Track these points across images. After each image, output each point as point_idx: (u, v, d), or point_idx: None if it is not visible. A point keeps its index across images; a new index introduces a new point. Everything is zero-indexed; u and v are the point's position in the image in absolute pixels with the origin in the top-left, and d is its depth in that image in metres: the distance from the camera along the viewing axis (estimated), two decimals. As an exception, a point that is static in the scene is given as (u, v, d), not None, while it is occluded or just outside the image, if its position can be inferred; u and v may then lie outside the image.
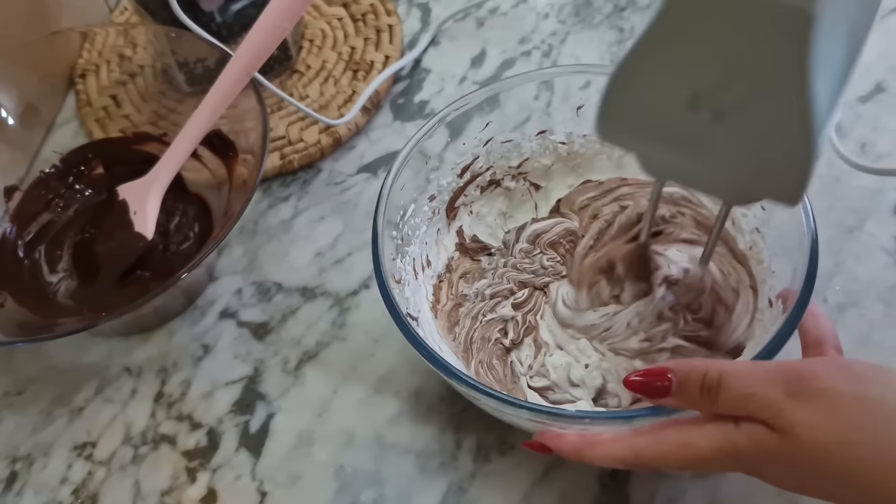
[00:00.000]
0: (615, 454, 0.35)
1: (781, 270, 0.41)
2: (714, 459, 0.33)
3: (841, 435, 0.30)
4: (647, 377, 0.34)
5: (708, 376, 0.32)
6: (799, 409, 0.30)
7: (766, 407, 0.31)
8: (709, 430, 0.33)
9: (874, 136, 0.54)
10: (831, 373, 0.31)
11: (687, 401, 0.33)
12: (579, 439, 0.36)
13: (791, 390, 0.31)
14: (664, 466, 0.35)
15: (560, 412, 0.37)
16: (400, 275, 0.45)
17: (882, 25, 0.61)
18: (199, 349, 0.50)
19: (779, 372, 0.31)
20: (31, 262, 0.52)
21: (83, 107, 0.61)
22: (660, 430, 0.34)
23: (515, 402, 0.36)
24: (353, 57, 0.63)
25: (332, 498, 0.43)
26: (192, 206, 0.54)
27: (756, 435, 0.31)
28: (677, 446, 0.33)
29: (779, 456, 0.31)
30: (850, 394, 0.30)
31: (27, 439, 0.47)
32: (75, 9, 0.65)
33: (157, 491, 0.45)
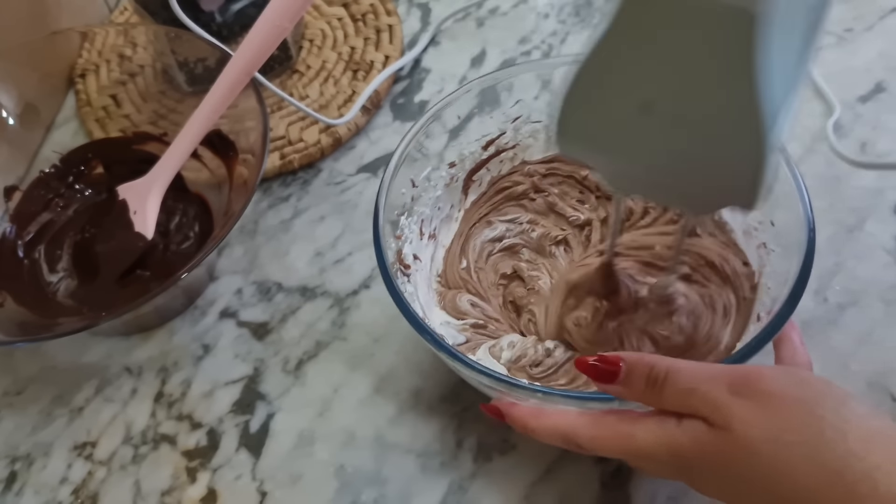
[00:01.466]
0: (556, 429, 0.36)
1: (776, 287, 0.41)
2: (651, 454, 0.33)
3: (775, 433, 0.30)
4: (601, 362, 0.34)
5: (655, 369, 0.33)
6: (738, 406, 0.31)
7: (707, 402, 0.31)
8: (650, 424, 0.33)
9: (874, 135, 0.54)
10: (776, 376, 0.31)
11: (632, 390, 0.34)
12: (527, 410, 0.37)
13: (735, 389, 0.31)
14: (600, 451, 0.35)
15: (515, 382, 0.37)
16: (402, 231, 0.45)
17: (882, 25, 0.61)
18: (200, 349, 0.50)
19: (725, 372, 0.32)
20: (30, 261, 0.52)
21: (83, 106, 0.61)
22: (604, 415, 0.35)
23: (475, 367, 0.37)
24: (353, 57, 0.63)
25: (332, 498, 0.43)
26: (193, 205, 0.54)
27: (695, 432, 0.32)
28: (617, 434, 0.34)
29: (713, 454, 0.31)
30: (791, 396, 0.30)
31: (27, 439, 0.47)
32: (75, 9, 0.65)
33: (157, 491, 0.45)
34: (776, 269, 0.41)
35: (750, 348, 0.36)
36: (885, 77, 0.57)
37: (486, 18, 0.66)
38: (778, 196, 0.41)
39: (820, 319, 0.47)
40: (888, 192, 0.51)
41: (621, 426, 0.34)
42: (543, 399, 0.36)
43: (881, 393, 0.44)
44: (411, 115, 0.60)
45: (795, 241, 0.39)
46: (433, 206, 0.49)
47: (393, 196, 0.44)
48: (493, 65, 0.63)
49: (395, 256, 0.44)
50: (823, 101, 0.56)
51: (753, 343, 0.36)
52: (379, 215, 0.42)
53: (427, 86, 0.62)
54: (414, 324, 0.39)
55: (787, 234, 0.40)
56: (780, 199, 0.40)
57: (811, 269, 0.37)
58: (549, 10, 0.66)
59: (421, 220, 0.48)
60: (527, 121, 0.49)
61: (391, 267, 0.41)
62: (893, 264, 0.48)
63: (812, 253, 0.37)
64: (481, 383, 0.38)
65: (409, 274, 0.46)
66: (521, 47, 0.64)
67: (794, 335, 0.39)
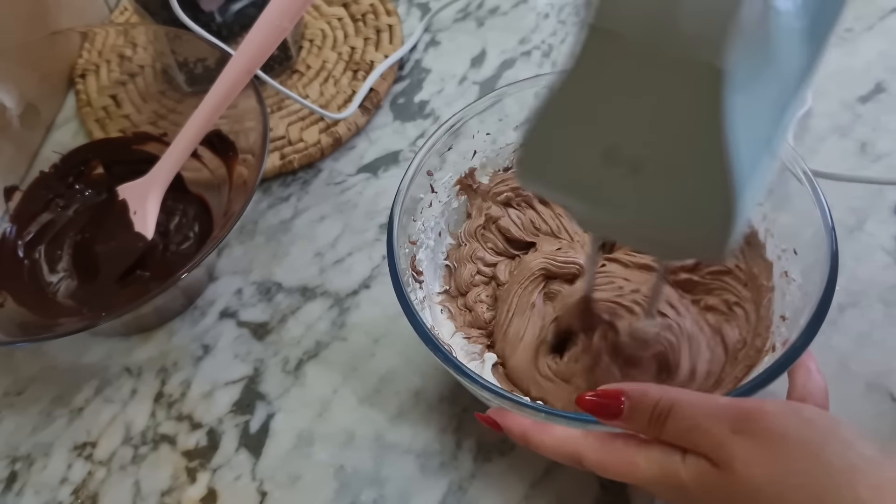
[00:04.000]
0: (559, 449, 0.35)
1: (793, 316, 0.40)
2: (653, 483, 0.33)
3: (777, 476, 0.29)
4: (602, 398, 0.34)
5: (659, 405, 0.32)
6: (740, 445, 0.30)
7: (710, 440, 0.31)
8: (655, 455, 0.33)
9: (874, 135, 0.54)
10: (780, 414, 0.31)
11: (635, 425, 0.33)
12: (529, 424, 0.36)
13: (737, 427, 0.30)
14: (603, 474, 0.34)
15: (521, 401, 0.37)
16: (419, 237, 0.45)
17: (882, 25, 0.61)
18: (199, 349, 0.50)
19: (729, 408, 0.31)
20: (31, 262, 0.52)
21: (83, 107, 0.61)
22: (610, 439, 0.34)
23: (479, 382, 0.36)
24: (353, 57, 0.63)
25: (332, 498, 0.43)
26: (192, 206, 0.54)
27: (697, 468, 0.31)
28: (621, 461, 0.33)
29: (716, 490, 0.31)
30: (794, 437, 0.30)
31: (27, 439, 0.47)
32: (75, 9, 0.65)
33: (157, 491, 0.45)
34: (794, 299, 0.40)
35: (763, 379, 0.35)
36: (885, 77, 0.57)
37: (486, 18, 0.66)
38: (802, 223, 0.40)
39: (820, 320, 0.47)
40: (888, 192, 0.51)
41: (626, 452, 0.33)
42: (546, 419, 0.36)
43: (881, 393, 0.44)
44: (411, 115, 0.60)
45: (817, 272, 0.38)
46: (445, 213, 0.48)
47: (409, 200, 0.43)
48: (493, 65, 0.63)
49: (408, 262, 0.44)
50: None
51: (766, 374, 0.35)
52: (394, 221, 0.41)
53: (427, 86, 0.62)
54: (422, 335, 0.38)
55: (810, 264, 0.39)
56: (804, 227, 0.40)
57: (831, 301, 0.36)
58: (549, 10, 0.66)
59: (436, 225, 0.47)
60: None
61: (402, 273, 0.40)
62: (893, 265, 0.48)
63: (833, 284, 0.36)
64: (486, 399, 0.38)
65: (421, 281, 0.45)
66: (521, 47, 0.64)
67: (811, 363, 0.38)
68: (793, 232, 0.41)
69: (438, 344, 0.38)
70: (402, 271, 0.41)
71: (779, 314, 0.40)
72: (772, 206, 0.43)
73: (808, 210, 0.39)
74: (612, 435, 0.34)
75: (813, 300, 0.36)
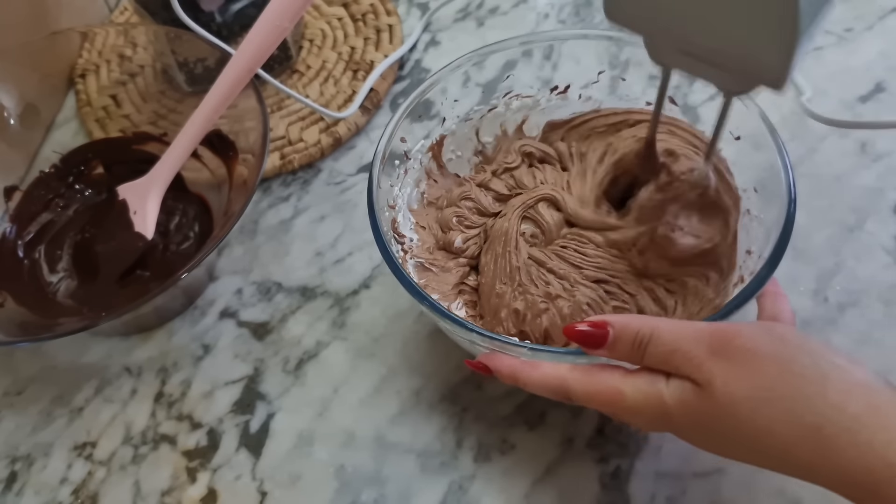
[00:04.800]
0: (547, 383, 0.36)
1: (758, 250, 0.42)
2: (639, 411, 0.34)
3: (753, 391, 0.31)
4: (589, 326, 0.35)
5: (641, 332, 0.34)
6: (718, 364, 0.32)
7: (689, 361, 0.32)
8: (640, 382, 0.34)
9: (874, 135, 0.54)
10: (753, 334, 0.32)
11: (618, 353, 0.35)
12: (517, 362, 0.37)
13: (714, 348, 0.32)
14: (590, 405, 0.36)
15: (507, 341, 0.38)
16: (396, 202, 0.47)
17: (882, 25, 0.61)
18: (199, 349, 0.50)
19: (706, 331, 0.33)
20: (31, 262, 0.52)
21: (83, 107, 0.61)
22: (596, 370, 0.35)
23: (465, 325, 0.37)
24: (353, 57, 0.63)
25: (332, 498, 0.43)
26: (192, 206, 0.54)
27: (680, 391, 0.33)
28: (607, 389, 0.34)
29: (697, 412, 0.32)
30: (767, 353, 0.31)
31: (27, 439, 0.47)
32: (75, 9, 0.65)
33: (157, 491, 0.45)
34: (758, 234, 0.42)
35: (734, 305, 0.37)
36: (885, 77, 0.57)
37: (486, 18, 0.66)
38: (761, 163, 0.42)
39: (820, 319, 0.47)
40: (888, 192, 0.51)
41: (612, 382, 0.34)
42: (532, 355, 0.37)
43: (881, 393, 0.44)
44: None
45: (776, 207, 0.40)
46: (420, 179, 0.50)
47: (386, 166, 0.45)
48: (494, 65, 0.63)
49: (388, 225, 0.45)
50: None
51: (736, 300, 0.37)
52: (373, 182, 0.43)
53: (427, 86, 0.62)
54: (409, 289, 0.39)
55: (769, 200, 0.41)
56: (763, 167, 0.41)
57: (792, 229, 0.38)
58: (549, 10, 0.66)
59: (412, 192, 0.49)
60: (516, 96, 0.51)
61: (385, 235, 0.42)
62: (893, 264, 0.48)
63: (792, 216, 0.39)
64: (472, 342, 0.39)
65: (402, 242, 0.47)
66: (521, 47, 0.63)
67: (775, 287, 0.39)
68: (752, 170, 0.43)
69: (425, 294, 0.39)
70: (385, 233, 0.42)
71: (744, 249, 0.43)
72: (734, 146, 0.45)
73: (765, 147, 0.41)
74: (597, 366, 0.36)
75: (774, 234, 0.39)
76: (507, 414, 0.45)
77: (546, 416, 0.45)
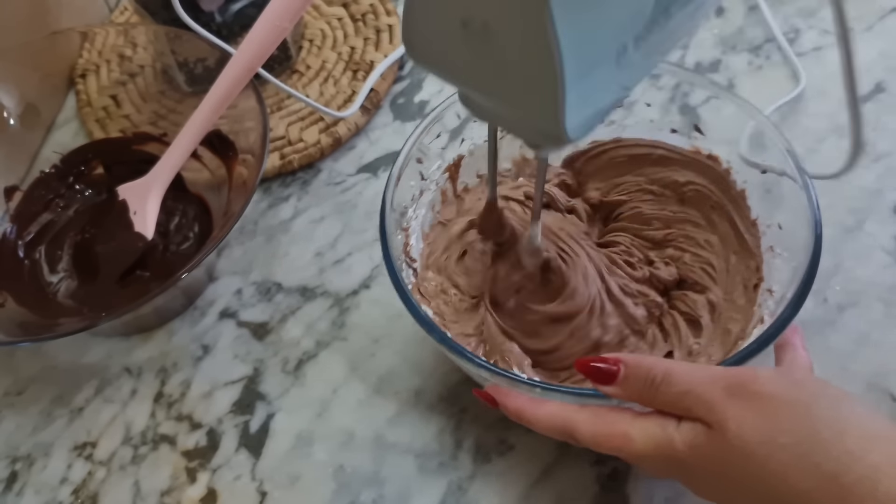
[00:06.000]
0: (553, 423, 0.35)
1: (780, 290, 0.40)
2: (648, 455, 0.33)
3: (768, 435, 0.30)
4: (599, 363, 0.34)
5: (653, 370, 0.33)
6: (732, 407, 0.31)
7: (702, 403, 0.31)
8: (649, 425, 0.33)
9: (874, 135, 0.54)
10: (770, 378, 0.31)
11: (629, 391, 0.34)
12: (524, 399, 0.37)
13: (730, 391, 0.31)
14: (597, 449, 0.35)
15: (516, 377, 0.37)
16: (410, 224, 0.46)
17: (882, 25, 0.61)
18: (199, 349, 0.50)
19: (722, 374, 0.32)
20: (31, 262, 0.52)
21: (83, 107, 0.61)
22: (604, 412, 0.34)
23: (474, 360, 0.37)
24: (353, 57, 0.63)
25: (331, 498, 0.43)
26: (192, 206, 0.54)
27: (691, 434, 0.31)
28: (615, 433, 0.34)
29: (708, 456, 0.31)
30: (784, 397, 0.30)
31: (27, 439, 0.47)
32: (75, 9, 0.65)
33: (157, 491, 0.45)
34: (782, 273, 0.41)
35: (751, 350, 0.36)
36: (885, 77, 0.57)
37: (486, 18, 0.66)
38: (785, 198, 0.41)
39: (819, 320, 0.47)
40: (888, 192, 0.51)
41: (620, 425, 0.33)
42: (543, 394, 0.36)
43: (881, 394, 0.44)
44: (411, 116, 0.60)
45: (802, 245, 0.39)
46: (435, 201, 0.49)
47: (402, 188, 0.44)
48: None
49: (401, 249, 0.44)
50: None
51: (755, 345, 0.36)
52: (386, 207, 0.42)
53: (427, 86, 0.62)
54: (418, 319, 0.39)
55: (794, 238, 0.40)
56: (788, 202, 0.40)
57: (816, 273, 0.37)
58: (549, 10, 0.66)
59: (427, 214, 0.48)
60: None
61: (396, 260, 0.41)
62: (893, 265, 0.48)
63: (818, 256, 0.37)
64: (482, 377, 0.39)
65: (414, 268, 0.46)
66: (521, 47, 0.63)
67: (796, 339, 0.38)
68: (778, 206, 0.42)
69: (434, 325, 0.39)
70: (397, 258, 0.42)
71: (765, 287, 0.42)
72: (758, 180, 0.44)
73: (792, 185, 0.41)
74: (606, 408, 0.35)
75: (799, 274, 0.38)
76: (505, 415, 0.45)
77: (545, 416, 0.45)
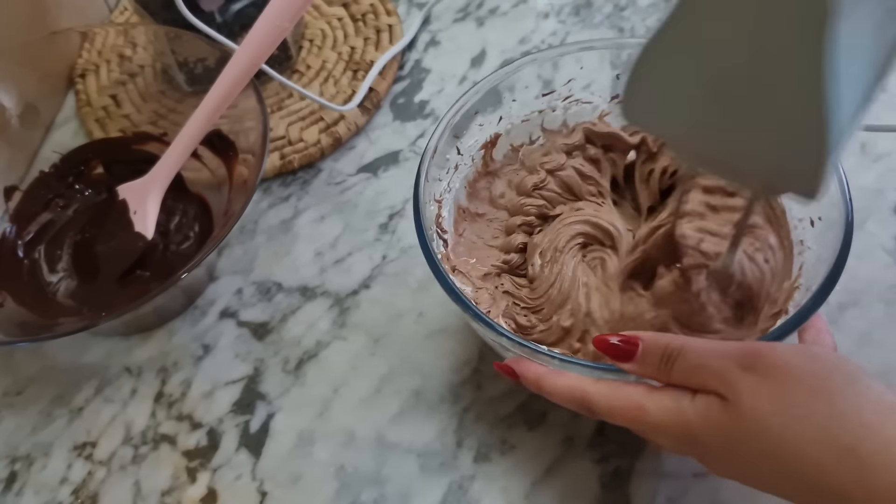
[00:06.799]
0: (570, 393, 0.36)
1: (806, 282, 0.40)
2: (662, 428, 0.33)
3: (783, 408, 0.30)
4: (620, 339, 0.35)
5: (670, 346, 0.33)
6: (748, 379, 0.30)
7: (717, 377, 0.31)
8: (664, 398, 0.33)
9: (874, 135, 0.54)
10: (787, 351, 0.31)
11: (646, 367, 0.34)
12: (543, 369, 0.37)
13: (744, 364, 0.31)
14: (612, 420, 0.35)
15: (537, 349, 0.37)
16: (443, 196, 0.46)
17: (882, 25, 0.61)
18: (200, 349, 0.50)
19: (737, 348, 0.32)
20: (30, 261, 0.52)
21: (83, 106, 0.61)
22: (620, 384, 0.35)
23: (497, 329, 0.37)
24: (353, 57, 0.63)
25: (332, 498, 0.43)
26: (192, 205, 0.54)
27: (705, 407, 0.31)
28: (630, 405, 0.34)
29: (722, 429, 0.31)
30: (800, 370, 0.30)
31: (27, 439, 0.47)
32: (75, 9, 0.65)
33: (157, 491, 0.45)
34: (808, 266, 0.41)
35: (774, 336, 0.36)
36: (885, 77, 0.57)
37: (486, 18, 0.66)
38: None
39: (820, 319, 0.47)
40: (888, 192, 0.51)
41: (636, 397, 0.34)
42: (561, 366, 0.37)
43: (881, 393, 0.44)
44: (411, 115, 0.60)
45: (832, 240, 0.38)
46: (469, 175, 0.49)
47: (437, 159, 0.44)
48: (493, 65, 0.63)
49: (433, 220, 0.44)
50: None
51: (778, 331, 0.36)
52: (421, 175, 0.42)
53: (427, 86, 0.62)
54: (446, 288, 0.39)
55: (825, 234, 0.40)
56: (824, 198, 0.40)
57: (844, 266, 0.37)
58: (549, 10, 0.66)
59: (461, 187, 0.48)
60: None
61: (427, 231, 0.41)
62: (893, 264, 0.48)
63: (846, 252, 0.37)
64: (502, 346, 0.39)
65: (445, 238, 0.46)
66: (521, 47, 0.64)
67: (820, 322, 0.38)
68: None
69: (461, 295, 0.39)
70: (428, 227, 0.42)
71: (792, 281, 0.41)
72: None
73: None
74: (622, 382, 0.35)
75: (826, 267, 0.37)
76: (507, 414, 0.45)
77: (546, 416, 0.45)
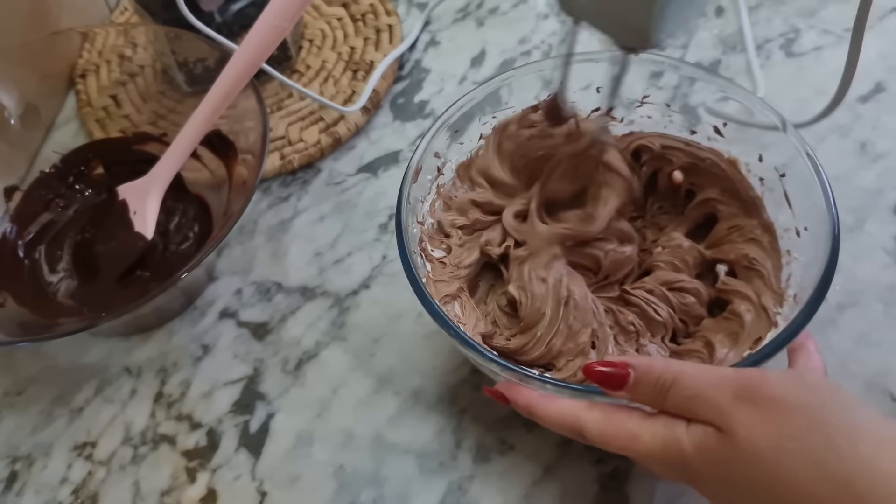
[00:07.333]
0: (562, 420, 0.35)
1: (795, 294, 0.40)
2: (656, 456, 0.33)
3: (778, 440, 0.29)
4: (609, 367, 0.34)
5: (663, 376, 0.33)
6: (742, 410, 0.30)
7: (713, 407, 0.31)
8: (657, 426, 0.33)
9: (874, 135, 0.54)
10: (781, 382, 0.31)
11: (639, 396, 0.34)
12: (535, 395, 0.36)
13: (740, 395, 0.31)
14: (604, 447, 0.34)
15: (527, 373, 0.37)
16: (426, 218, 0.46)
17: (882, 25, 0.61)
18: (199, 349, 0.50)
19: (732, 377, 0.31)
20: (31, 262, 0.52)
21: (83, 107, 0.61)
22: (614, 411, 0.34)
23: (487, 355, 0.37)
24: (353, 57, 0.63)
25: (331, 498, 0.43)
26: (192, 206, 0.54)
27: (701, 435, 0.31)
28: (623, 433, 0.33)
29: (717, 459, 0.31)
30: (795, 401, 0.30)
31: (27, 439, 0.47)
32: (75, 9, 0.65)
33: (156, 491, 0.45)
34: (796, 277, 0.41)
35: (766, 353, 0.35)
36: (885, 77, 0.57)
37: (485, 18, 0.66)
38: (806, 205, 0.40)
39: (819, 320, 0.46)
40: (888, 192, 0.51)
41: (629, 425, 0.33)
42: (553, 391, 0.36)
43: (881, 393, 0.44)
44: (411, 116, 0.60)
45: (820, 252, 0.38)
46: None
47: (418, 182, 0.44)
48: (493, 65, 0.63)
49: (416, 243, 0.44)
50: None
51: (769, 348, 0.36)
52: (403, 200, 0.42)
53: (427, 86, 0.62)
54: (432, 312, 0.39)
55: (812, 245, 0.40)
56: (809, 209, 0.40)
57: (832, 280, 0.37)
58: (549, 10, 0.66)
59: None
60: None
61: (411, 254, 0.41)
62: (893, 265, 0.48)
63: (834, 265, 0.37)
64: (494, 373, 0.38)
65: (431, 261, 0.45)
66: (521, 47, 0.64)
67: (811, 343, 0.38)
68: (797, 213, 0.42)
69: (448, 320, 0.38)
70: (412, 252, 0.41)
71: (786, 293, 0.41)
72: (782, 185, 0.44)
73: (812, 193, 0.40)
74: (615, 407, 0.34)
75: (813, 279, 0.37)
76: (505, 415, 0.45)
77: (545, 416, 0.45)
